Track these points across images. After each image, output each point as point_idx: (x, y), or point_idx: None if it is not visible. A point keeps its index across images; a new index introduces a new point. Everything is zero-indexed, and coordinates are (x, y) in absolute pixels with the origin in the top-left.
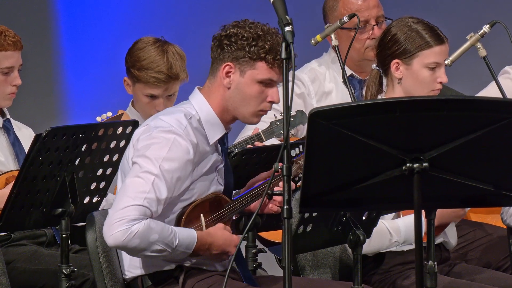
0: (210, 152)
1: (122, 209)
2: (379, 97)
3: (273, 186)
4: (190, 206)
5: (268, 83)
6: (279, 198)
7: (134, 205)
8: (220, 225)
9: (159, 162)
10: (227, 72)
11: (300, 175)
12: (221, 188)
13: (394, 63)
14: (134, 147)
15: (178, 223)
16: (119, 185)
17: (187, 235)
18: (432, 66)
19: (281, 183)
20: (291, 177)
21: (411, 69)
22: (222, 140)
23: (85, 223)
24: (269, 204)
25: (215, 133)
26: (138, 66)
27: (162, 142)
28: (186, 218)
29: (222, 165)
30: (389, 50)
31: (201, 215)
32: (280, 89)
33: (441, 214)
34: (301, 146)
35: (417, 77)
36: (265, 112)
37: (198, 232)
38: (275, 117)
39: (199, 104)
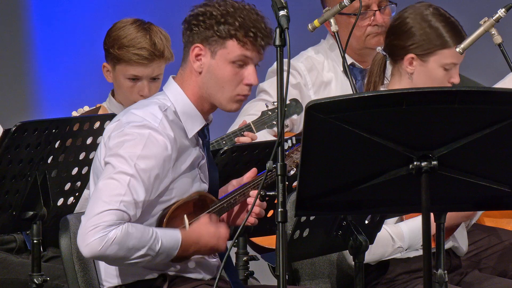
0: (190, 147)
1: (96, 215)
2: (381, 88)
3: (246, 194)
4: (172, 207)
5: (242, 63)
6: (256, 210)
7: (110, 209)
8: (204, 219)
9: (134, 161)
10: (197, 55)
11: (293, 171)
12: (206, 186)
13: (408, 57)
14: (105, 146)
15: (159, 226)
16: (91, 189)
17: (170, 237)
18: (448, 67)
19: (251, 192)
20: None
21: (426, 66)
22: (203, 133)
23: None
24: (240, 214)
25: (194, 125)
26: (118, 44)
27: (136, 139)
28: (168, 220)
29: (204, 161)
30: (403, 42)
31: (185, 215)
32: (269, 81)
33: (448, 214)
34: (293, 138)
35: (431, 75)
36: (243, 96)
37: (182, 233)
38: (267, 106)
39: (174, 95)
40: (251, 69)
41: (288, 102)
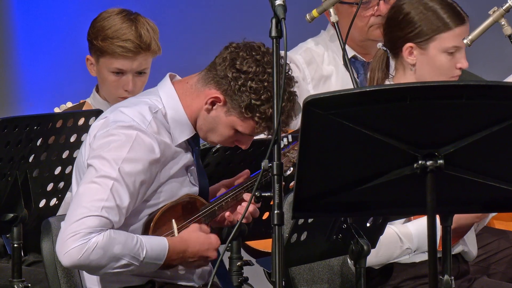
0: (181, 152)
1: (76, 221)
2: (387, 82)
3: (239, 197)
4: (160, 211)
5: (245, 135)
6: (250, 209)
7: (90, 216)
8: (194, 227)
9: (118, 164)
10: (214, 102)
11: (290, 170)
12: (196, 189)
13: (407, 47)
14: (90, 145)
15: (145, 231)
16: (74, 189)
17: (156, 244)
18: (451, 50)
19: (244, 195)
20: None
21: (426, 54)
22: (193, 141)
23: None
24: (224, 217)
25: (182, 133)
26: (102, 36)
27: (122, 140)
28: (155, 225)
29: (194, 167)
30: (401, 32)
31: (173, 220)
32: None
33: (458, 217)
34: (290, 136)
35: (434, 63)
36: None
37: (169, 239)
38: None
39: (167, 99)
40: (251, 138)
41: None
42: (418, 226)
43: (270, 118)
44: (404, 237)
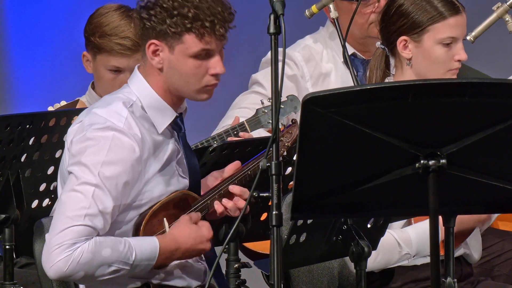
0: (164, 142)
1: (59, 232)
2: (387, 81)
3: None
4: (150, 211)
5: (204, 55)
6: (229, 204)
7: (74, 226)
8: (184, 220)
9: (97, 169)
10: (154, 51)
11: (284, 153)
12: (186, 181)
13: (401, 40)
14: (69, 151)
15: (136, 232)
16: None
17: (146, 246)
18: (447, 41)
19: (230, 187)
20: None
21: (421, 47)
22: (176, 124)
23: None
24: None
25: (164, 118)
26: (100, 32)
27: (99, 143)
28: (146, 226)
29: (181, 154)
30: (394, 25)
31: (164, 219)
32: (263, 72)
33: (460, 219)
34: (284, 119)
35: (430, 56)
36: (212, 85)
37: (160, 239)
38: (262, 103)
39: (139, 88)
40: (216, 59)
41: (285, 99)
42: (417, 230)
43: (198, 16)
44: (402, 242)
